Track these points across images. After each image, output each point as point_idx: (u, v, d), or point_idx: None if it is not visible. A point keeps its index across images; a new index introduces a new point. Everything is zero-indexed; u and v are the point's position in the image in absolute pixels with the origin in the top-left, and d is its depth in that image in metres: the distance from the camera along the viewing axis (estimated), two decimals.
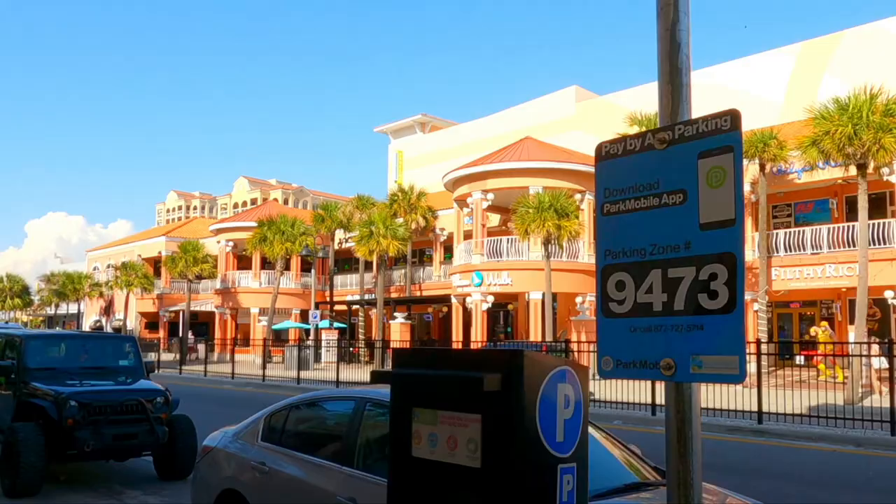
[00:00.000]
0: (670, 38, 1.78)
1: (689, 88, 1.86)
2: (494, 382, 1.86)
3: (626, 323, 1.81)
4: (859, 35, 32.62)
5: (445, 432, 2.01)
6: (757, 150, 25.92)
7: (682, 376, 1.71)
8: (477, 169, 31.22)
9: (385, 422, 5.39)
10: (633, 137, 1.87)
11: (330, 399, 6.20)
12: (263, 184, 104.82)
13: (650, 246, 1.78)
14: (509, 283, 29.86)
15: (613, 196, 1.87)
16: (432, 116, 57.89)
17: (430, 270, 40.41)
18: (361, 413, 5.19)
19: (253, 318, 41.72)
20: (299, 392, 22.03)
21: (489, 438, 1.90)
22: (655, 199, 1.78)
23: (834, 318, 29.59)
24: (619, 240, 1.84)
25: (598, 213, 1.92)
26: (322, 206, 39.54)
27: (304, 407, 6.03)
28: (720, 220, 1.67)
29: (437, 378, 2.02)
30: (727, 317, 1.65)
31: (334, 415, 5.81)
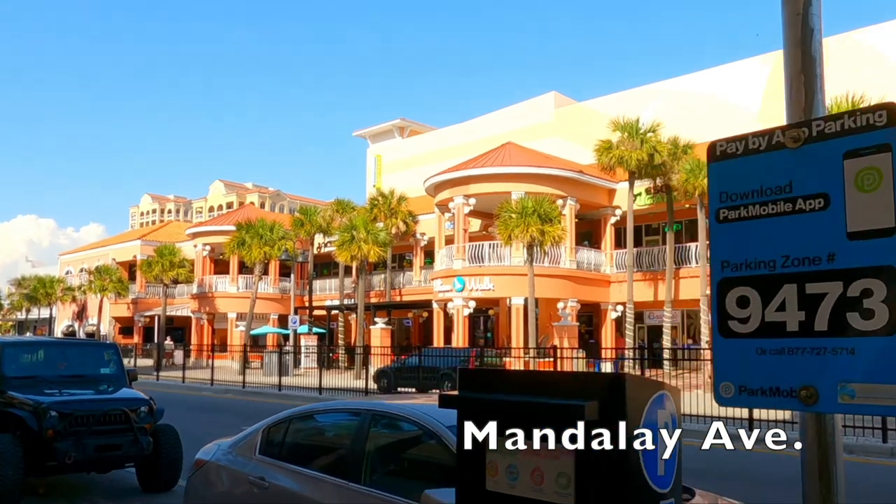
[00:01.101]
0: (802, 23, 1.59)
1: (822, 80, 1.68)
2: (594, 410, 1.67)
3: (750, 344, 1.60)
4: (836, 45, 32.96)
5: (528, 465, 1.79)
6: None
7: (827, 406, 1.50)
8: (459, 173, 31.09)
9: (394, 435, 5.13)
10: (756, 135, 1.67)
11: (333, 411, 5.91)
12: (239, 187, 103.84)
13: (781, 258, 1.57)
14: (491, 289, 29.73)
15: (732, 201, 1.66)
16: (411, 121, 57.70)
17: (410, 275, 40.17)
18: (368, 426, 4.95)
19: (230, 324, 41.17)
20: (281, 399, 21.73)
21: (585, 473, 1.70)
22: (787, 204, 1.57)
23: None
24: (741, 250, 1.63)
25: (712, 221, 1.71)
26: (301, 211, 39.13)
27: (305, 419, 5.77)
28: (875, 228, 1.45)
29: (520, 405, 1.81)
30: (888, 339, 1.43)
31: (338, 427, 5.56)
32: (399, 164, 51.13)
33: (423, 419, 4.59)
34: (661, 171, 27.65)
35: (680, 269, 29.74)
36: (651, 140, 27.34)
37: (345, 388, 21.85)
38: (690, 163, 26.69)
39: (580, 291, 30.50)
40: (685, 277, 29.73)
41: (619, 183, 32.02)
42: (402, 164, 50.82)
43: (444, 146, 47.60)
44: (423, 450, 4.79)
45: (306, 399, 21.06)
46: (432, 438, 4.46)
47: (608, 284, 32.28)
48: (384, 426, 5.03)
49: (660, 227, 34.16)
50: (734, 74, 35.83)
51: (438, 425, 4.43)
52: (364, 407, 5.32)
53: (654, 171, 27.72)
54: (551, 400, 1.75)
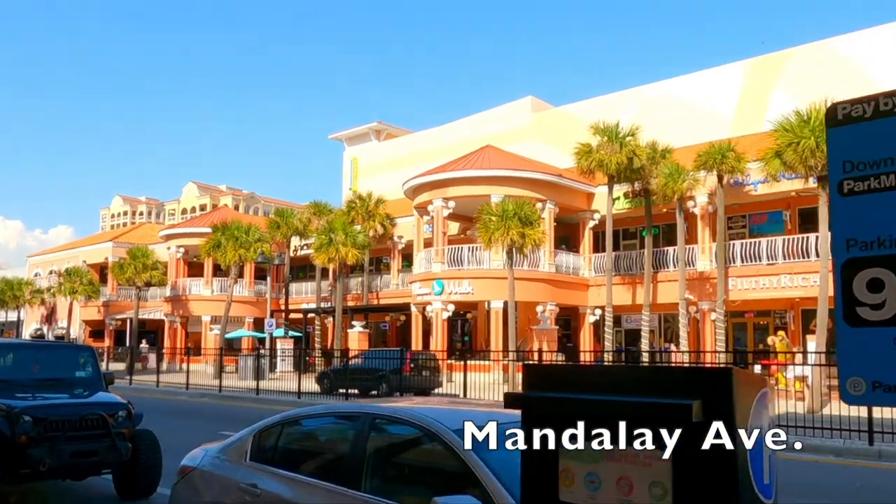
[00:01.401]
0: None
1: None
2: (699, 410, 1.46)
3: (886, 334, 1.42)
4: (808, 53, 33.38)
5: (613, 472, 1.58)
6: (715, 161, 26.22)
7: None
8: (438, 176, 30.91)
9: (395, 440, 4.86)
10: (888, 95, 1.48)
11: (329, 415, 5.62)
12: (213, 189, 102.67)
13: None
14: (470, 292, 29.58)
15: (859, 170, 1.45)
16: (388, 124, 57.42)
17: (387, 279, 39.88)
18: (368, 430, 4.72)
19: (204, 327, 40.54)
20: (258, 404, 21.36)
21: (685, 482, 1.49)
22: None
23: (787, 327, 30.07)
24: (871, 226, 1.43)
25: (833, 194, 1.52)
26: (277, 213, 38.71)
27: (299, 423, 5.54)
28: None
29: (605, 404, 1.60)
30: None
31: (335, 432, 5.31)
32: (375, 167, 50.83)
33: (426, 422, 4.39)
34: (640, 174, 27.71)
35: (658, 272, 29.81)
36: (630, 144, 27.40)
37: (323, 392, 21.49)
38: (669, 167, 26.78)
39: (559, 295, 30.46)
40: (663, 281, 29.82)
41: (598, 187, 32.05)
42: (378, 167, 50.53)
43: (421, 149, 47.40)
44: (426, 454, 4.58)
45: (284, 403, 20.72)
46: (436, 442, 4.26)
47: (586, 288, 32.29)
48: (384, 430, 4.81)
49: (637, 231, 34.25)
50: (710, 80, 36.09)
51: (443, 428, 4.23)
52: (362, 410, 5.08)
53: (632, 174, 27.76)
54: (646, 399, 1.54)
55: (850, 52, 31.87)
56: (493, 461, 3.96)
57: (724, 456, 1.46)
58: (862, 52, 31.44)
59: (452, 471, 4.20)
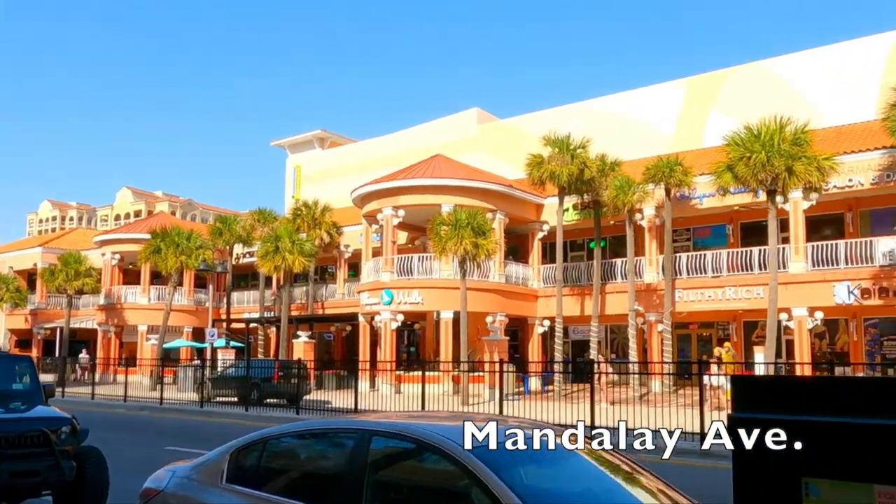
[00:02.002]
0: None
1: None
2: None
3: None
4: (744, 73, 34.27)
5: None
6: (663, 175, 26.59)
7: None
8: (389, 184, 30.53)
9: (398, 459, 4.45)
10: None
11: (319, 431, 5.06)
12: (148, 195, 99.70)
13: None
14: (420, 302, 29.23)
15: None
16: (331, 132, 56.76)
17: (333, 288, 39.22)
18: (367, 449, 4.31)
19: (140, 337, 39.09)
20: (203, 416, 20.52)
21: None
22: None
23: (730, 339, 30.66)
24: None
25: None
26: (220, 219, 37.65)
27: (284, 440, 5.05)
28: None
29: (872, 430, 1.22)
30: None
31: (328, 450, 4.83)
32: (319, 174, 50.10)
33: (433, 438, 4.03)
34: (591, 186, 27.91)
35: (606, 284, 30.03)
36: (581, 156, 27.58)
37: (275, 405, 20.79)
38: (620, 179, 27.03)
39: (508, 305, 30.39)
40: (611, 292, 30.06)
41: (547, 198, 32.18)
42: (322, 174, 49.83)
43: (366, 158, 46.95)
44: (434, 474, 4.22)
45: (232, 416, 19.97)
46: (447, 461, 3.92)
47: (535, 299, 32.32)
48: (384, 447, 4.41)
49: (584, 242, 34.52)
50: (651, 98, 36.66)
51: (454, 447, 3.88)
52: (357, 426, 4.68)
53: (583, 186, 27.93)
54: None
55: (784, 73, 32.84)
56: (515, 483, 3.65)
57: None
58: (796, 74, 32.43)
59: (464, 491, 3.87)
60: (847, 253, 25.62)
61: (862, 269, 24.97)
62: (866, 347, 28.25)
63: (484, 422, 4.38)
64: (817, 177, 19.21)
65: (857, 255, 25.40)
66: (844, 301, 25.16)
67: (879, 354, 27.98)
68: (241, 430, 17.26)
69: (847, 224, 28.61)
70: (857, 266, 25.21)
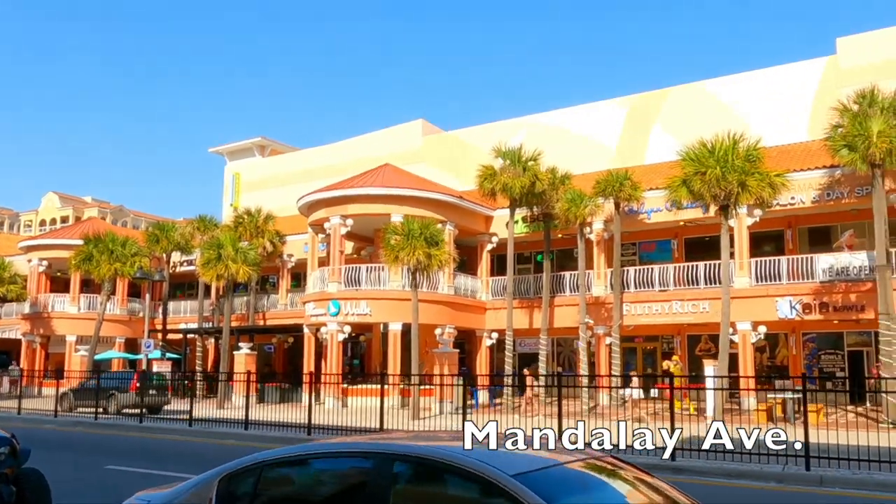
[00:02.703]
0: None
1: None
2: None
3: None
4: (683, 93, 35.04)
5: None
6: (613, 189, 26.80)
7: None
8: (337, 193, 29.90)
9: (428, 490, 3.90)
10: None
11: (325, 455, 4.43)
12: (76, 201, 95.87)
13: None
14: (368, 314, 28.65)
15: None
16: (272, 140, 55.65)
17: (275, 298, 38.22)
18: (388, 476, 3.77)
19: (69, 348, 37.21)
20: (144, 433, 19.44)
21: None
22: None
23: (674, 352, 31.10)
24: None
25: None
26: (157, 226, 36.26)
27: (284, 466, 4.41)
28: None
29: None
30: None
31: (338, 477, 4.26)
32: (259, 183, 48.94)
33: (475, 466, 3.53)
34: (542, 199, 27.92)
35: (555, 297, 30.05)
36: (533, 168, 27.58)
37: (221, 420, 19.88)
38: (572, 192, 27.12)
39: (457, 318, 30.09)
40: (560, 305, 30.10)
41: (497, 210, 32.10)
42: (262, 183, 48.70)
43: (307, 167, 46.11)
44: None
45: (175, 432, 18.99)
46: (493, 495, 3.43)
47: (484, 311, 32.13)
48: (411, 475, 3.88)
49: (531, 255, 34.57)
50: (594, 114, 37.05)
51: (500, 475, 3.43)
52: (375, 449, 4.10)
53: (534, 198, 27.92)
54: None
55: (721, 94, 33.69)
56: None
57: None
58: (732, 95, 33.31)
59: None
60: (789, 269, 26.27)
61: (803, 285, 25.63)
62: (805, 361, 29.02)
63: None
64: (769, 192, 19.61)
65: (798, 271, 26.07)
66: (787, 316, 25.77)
67: (817, 368, 28.78)
68: (184, 446, 16.40)
69: (787, 241, 29.42)
70: (798, 282, 25.86)
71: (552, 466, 3.81)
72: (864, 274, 25.17)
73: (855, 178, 24.85)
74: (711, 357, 30.75)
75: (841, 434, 16.22)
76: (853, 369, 28.20)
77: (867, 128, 21.11)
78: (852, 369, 28.21)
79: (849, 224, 28.21)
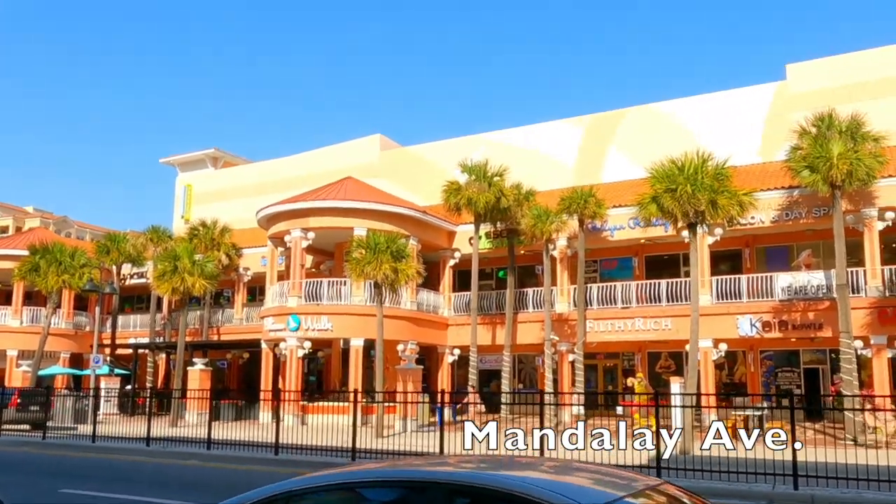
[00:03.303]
0: None
1: None
2: None
3: None
4: (639, 114, 35.48)
5: None
6: (578, 206, 26.88)
7: None
8: (299, 205, 29.31)
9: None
10: None
11: (362, 484, 3.95)
12: (17, 210, 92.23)
13: None
14: (329, 329, 28.05)
15: None
16: (225, 152, 54.39)
17: (230, 313, 37.21)
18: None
19: (9, 363, 35.53)
20: (97, 453, 18.48)
21: None
22: None
23: (635, 369, 31.22)
24: None
25: None
26: (108, 237, 34.99)
27: (314, 495, 3.92)
28: None
29: None
30: None
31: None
32: (212, 195, 47.73)
33: (555, 499, 3.18)
34: (507, 215, 27.83)
35: (518, 313, 29.92)
36: (498, 184, 27.50)
37: (180, 439, 19.04)
38: (537, 209, 27.09)
39: (420, 333, 29.71)
40: (523, 322, 29.99)
41: (459, 226, 31.90)
42: (215, 195, 47.50)
43: (263, 180, 45.17)
44: None
45: (130, 452, 18.09)
46: None
47: (446, 327, 31.81)
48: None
49: (492, 271, 34.43)
50: (552, 132, 37.15)
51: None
52: (429, 477, 3.71)
53: (499, 214, 27.82)
54: None
55: (675, 115, 34.21)
56: None
57: None
58: (686, 116, 33.83)
59: None
60: (749, 287, 26.66)
61: (763, 303, 26.02)
62: (762, 378, 29.45)
63: (560, 471, 3.73)
64: (737, 211, 19.83)
65: (758, 290, 26.47)
66: (748, 333, 26.11)
67: (774, 385, 29.23)
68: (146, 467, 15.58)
69: (745, 260, 29.88)
70: (758, 300, 26.25)
71: (626, 497, 3.50)
72: (821, 293, 25.67)
73: (812, 199, 25.40)
74: (672, 374, 31.05)
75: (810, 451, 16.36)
76: (809, 386, 28.72)
77: (828, 150, 21.60)
78: (808, 386, 28.73)
79: (805, 244, 28.86)
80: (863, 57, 30.49)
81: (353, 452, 15.18)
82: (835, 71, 30.92)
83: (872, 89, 29.24)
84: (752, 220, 26.60)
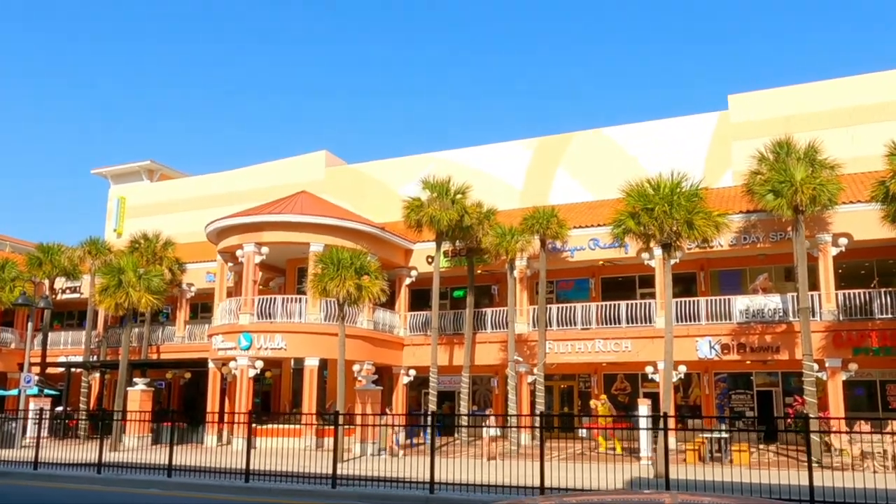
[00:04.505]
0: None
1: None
2: None
3: None
4: (586, 138, 35.86)
5: None
6: (540, 225, 26.66)
7: None
8: (253, 219, 28.15)
9: None
10: None
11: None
12: None
13: None
14: (283, 348, 26.89)
15: None
16: (161, 164, 52.33)
17: (171, 330, 35.45)
18: None
19: None
20: (38, 480, 16.93)
21: None
22: None
23: (591, 391, 31.07)
24: None
25: None
26: (41, 249, 32.86)
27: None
28: None
29: None
30: None
31: None
32: (147, 208, 45.83)
33: None
34: (468, 233, 27.36)
35: (476, 333, 29.41)
36: (461, 202, 27.04)
37: (135, 465, 17.63)
38: (500, 228, 26.74)
39: (376, 353, 28.83)
40: (481, 342, 29.49)
41: (416, 244, 31.30)
42: (151, 208, 45.63)
43: (204, 194, 43.64)
44: None
45: (80, 480, 16.62)
46: None
47: (402, 347, 31.01)
48: None
49: (448, 291, 33.86)
50: (500, 154, 37.11)
51: None
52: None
53: (461, 232, 27.33)
54: None
55: (620, 141, 34.69)
56: None
57: None
58: (631, 142, 34.35)
59: None
60: (707, 310, 26.87)
61: (722, 326, 26.24)
62: (716, 400, 29.70)
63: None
64: (712, 232, 19.86)
65: (716, 312, 26.71)
66: (707, 356, 26.27)
67: (728, 407, 29.52)
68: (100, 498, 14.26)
69: (700, 283, 30.21)
70: (717, 322, 26.47)
71: None
72: (777, 316, 26.07)
73: (770, 223, 25.87)
74: (627, 396, 31.07)
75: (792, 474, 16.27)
76: (762, 409, 29.10)
77: (791, 175, 21.97)
78: (761, 409, 29.11)
79: (758, 268, 29.39)
80: (802, 90, 31.51)
81: (334, 479, 14.21)
82: (775, 103, 31.82)
83: (812, 121, 30.18)
84: (712, 244, 26.90)
